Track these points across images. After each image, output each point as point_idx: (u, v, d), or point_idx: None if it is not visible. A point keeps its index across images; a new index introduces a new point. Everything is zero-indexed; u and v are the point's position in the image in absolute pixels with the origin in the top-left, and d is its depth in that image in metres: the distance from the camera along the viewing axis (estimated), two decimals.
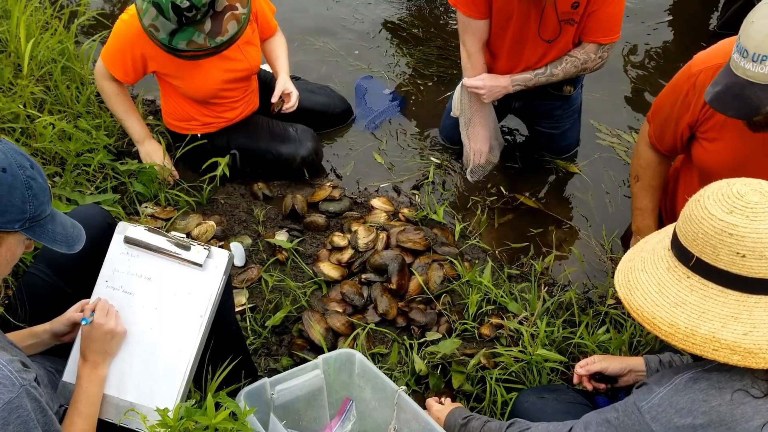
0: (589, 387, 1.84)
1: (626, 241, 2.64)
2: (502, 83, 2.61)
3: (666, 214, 2.32)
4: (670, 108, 2.01)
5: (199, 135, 2.73)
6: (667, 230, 1.38)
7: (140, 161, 2.70)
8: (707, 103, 1.67)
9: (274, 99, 2.69)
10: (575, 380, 1.86)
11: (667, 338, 1.30)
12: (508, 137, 3.12)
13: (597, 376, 1.83)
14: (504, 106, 2.86)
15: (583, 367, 1.83)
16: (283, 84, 2.70)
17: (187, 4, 2.26)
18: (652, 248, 1.39)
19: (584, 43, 2.52)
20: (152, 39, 2.39)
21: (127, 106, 2.65)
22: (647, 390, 1.35)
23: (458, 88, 2.74)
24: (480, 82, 2.60)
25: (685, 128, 1.99)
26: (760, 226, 1.20)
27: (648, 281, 1.36)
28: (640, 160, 2.21)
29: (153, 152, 2.69)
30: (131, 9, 2.45)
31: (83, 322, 1.57)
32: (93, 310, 1.58)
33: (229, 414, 1.42)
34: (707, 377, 1.29)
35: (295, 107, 2.71)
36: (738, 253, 1.21)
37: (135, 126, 2.67)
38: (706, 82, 1.85)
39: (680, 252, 1.30)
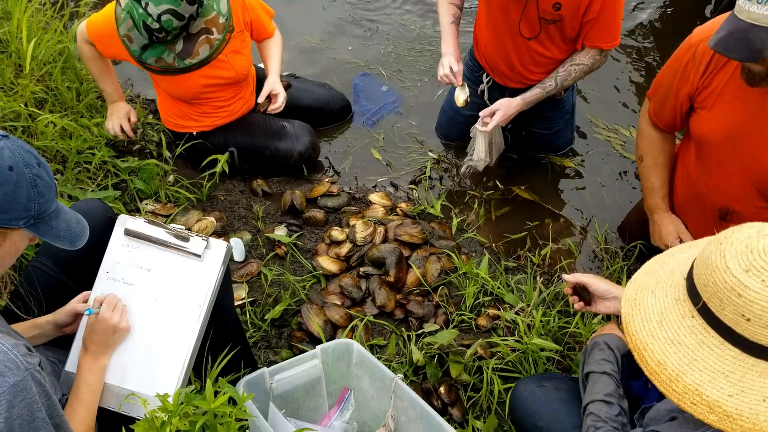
0: (570, 293, 1.81)
1: (623, 230, 2.65)
2: (516, 108, 2.60)
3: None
4: (670, 81, 2.03)
5: (194, 134, 2.76)
6: (694, 252, 1.27)
7: (139, 162, 2.73)
8: (710, 48, 1.69)
9: (261, 99, 2.72)
10: (567, 279, 1.81)
11: (651, 376, 1.21)
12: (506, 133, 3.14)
13: (579, 289, 1.80)
14: None
15: (573, 276, 1.79)
16: (271, 85, 2.72)
17: (157, 26, 2.28)
18: (671, 270, 1.28)
19: (587, 48, 2.54)
20: (126, 48, 2.43)
21: (103, 68, 2.66)
22: None
23: (477, 135, 2.71)
24: (497, 119, 2.58)
25: (685, 99, 2.01)
26: None
27: (653, 306, 1.25)
28: (642, 139, 2.23)
29: (115, 111, 2.71)
30: (112, 9, 2.46)
31: (87, 313, 1.60)
32: (101, 303, 1.61)
33: (228, 400, 1.44)
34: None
35: (281, 108, 2.73)
36: (743, 315, 1.10)
37: (108, 88, 2.70)
38: (706, 51, 1.89)
39: (691, 289, 1.19)
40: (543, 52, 2.57)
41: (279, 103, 2.72)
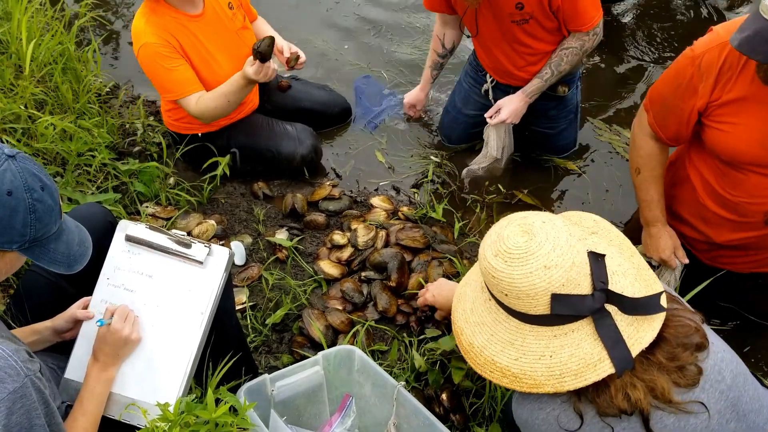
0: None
1: (629, 236, 2.62)
2: (519, 102, 2.64)
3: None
4: (672, 93, 1.98)
5: (199, 135, 2.74)
6: None
7: (140, 165, 2.71)
8: (735, 48, 1.65)
9: (287, 54, 2.68)
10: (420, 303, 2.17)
11: (465, 354, 1.41)
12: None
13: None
14: None
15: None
16: (287, 43, 2.73)
17: None
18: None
19: (572, 32, 2.54)
20: None
21: (218, 90, 2.52)
22: None
23: (489, 131, 2.76)
24: (503, 115, 2.64)
25: (694, 113, 1.95)
26: (514, 271, 1.27)
27: (468, 296, 1.47)
28: (639, 151, 2.18)
29: (254, 72, 2.44)
30: (140, 38, 2.44)
31: (99, 324, 1.58)
32: (112, 314, 1.59)
33: (229, 408, 1.43)
34: (533, 396, 1.36)
35: (304, 61, 2.73)
36: (502, 291, 1.31)
37: (230, 83, 2.51)
38: (712, 62, 1.84)
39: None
40: (531, 51, 2.58)
41: (303, 57, 2.73)
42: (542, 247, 1.27)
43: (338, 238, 2.57)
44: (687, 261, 2.20)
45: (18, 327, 1.68)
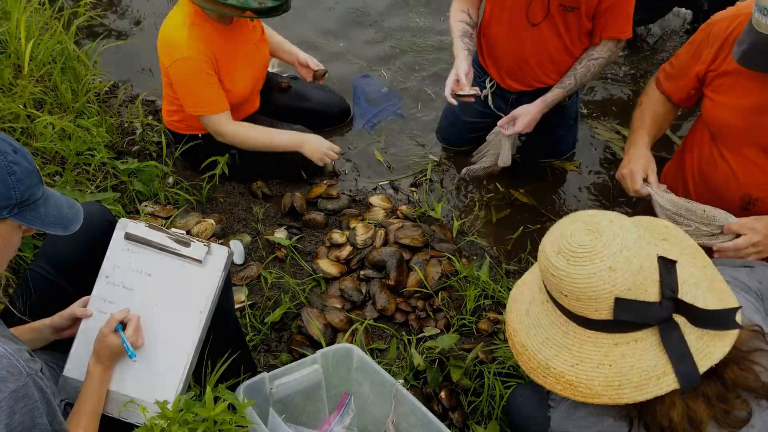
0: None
1: None
2: (537, 113, 2.60)
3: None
4: (684, 56, 2.05)
5: (199, 135, 2.74)
6: None
7: (139, 164, 2.71)
8: (737, 62, 1.70)
9: (316, 67, 2.88)
10: None
11: (517, 357, 1.36)
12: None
13: None
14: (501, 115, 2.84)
15: None
16: (310, 57, 2.92)
17: None
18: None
19: (604, 40, 2.53)
20: (226, 5, 2.34)
21: (270, 134, 2.69)
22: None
23: (503, 141, 2.69)
24: (519, 127, 2.59)
25: (693, 78, 2.00)
26: (575, 271, 1.21)
27: (524, 296, 1.41)
28: (645, 90, 2.23)
29: (316, 146, 2.71)
30: (181, 49, 2.41)
31: (118, 329, 1.59)
32: (123, 324, 1.59)
33: (228, 406, 1.43)
34: (585, 404, 1.29)
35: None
36: (561, 292, 1.25)
37: (284, 137, 2.70)
38: (719, 33, 1.89)
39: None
40: (559, 48, 2.55)
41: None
42: (608, 247, 1.20)
43: (337, 236, 2.58)
44: (660, 190, 2.01)
45: (17, 325, 1.68)
